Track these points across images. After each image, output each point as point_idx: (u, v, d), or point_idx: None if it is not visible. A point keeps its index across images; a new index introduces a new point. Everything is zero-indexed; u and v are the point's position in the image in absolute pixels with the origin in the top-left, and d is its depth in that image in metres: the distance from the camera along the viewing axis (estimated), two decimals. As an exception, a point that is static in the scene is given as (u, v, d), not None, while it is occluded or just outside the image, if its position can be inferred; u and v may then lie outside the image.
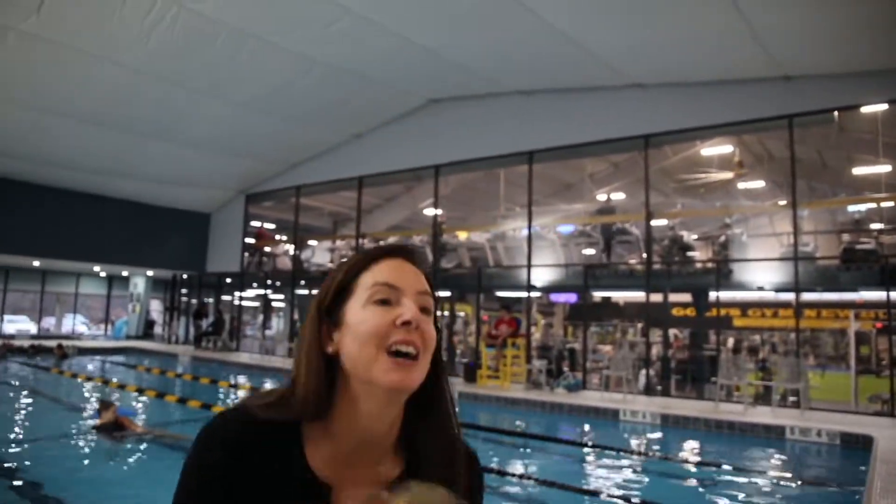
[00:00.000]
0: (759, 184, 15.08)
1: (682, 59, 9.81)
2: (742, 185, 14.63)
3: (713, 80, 10.08)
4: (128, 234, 17.41)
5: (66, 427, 7.15)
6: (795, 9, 7.80)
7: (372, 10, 9.15)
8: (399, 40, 9.98)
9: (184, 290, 20.92)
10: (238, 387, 11.27)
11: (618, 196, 15.30)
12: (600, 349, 15.54)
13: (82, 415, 8.03)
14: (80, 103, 11.98)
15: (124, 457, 5.97)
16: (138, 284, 22.20)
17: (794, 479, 5.80)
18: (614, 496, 5.07)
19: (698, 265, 11.88)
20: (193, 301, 20.36)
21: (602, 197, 15.18)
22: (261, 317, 20.77)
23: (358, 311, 0.87)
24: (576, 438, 7.76)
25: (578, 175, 16.60)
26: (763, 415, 8.21)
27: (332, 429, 0.88)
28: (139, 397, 9.55)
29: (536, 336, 14.78)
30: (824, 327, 18.43)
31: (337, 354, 0.87)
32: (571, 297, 17.03)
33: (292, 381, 0.89)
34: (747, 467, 6.20)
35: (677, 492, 5.45)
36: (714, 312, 11.83)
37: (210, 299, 20.14)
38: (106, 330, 25.29)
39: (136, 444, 6.28)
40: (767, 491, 5.40)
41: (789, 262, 9.84)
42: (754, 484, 5.60)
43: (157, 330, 23.63)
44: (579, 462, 6.50)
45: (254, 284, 18.83)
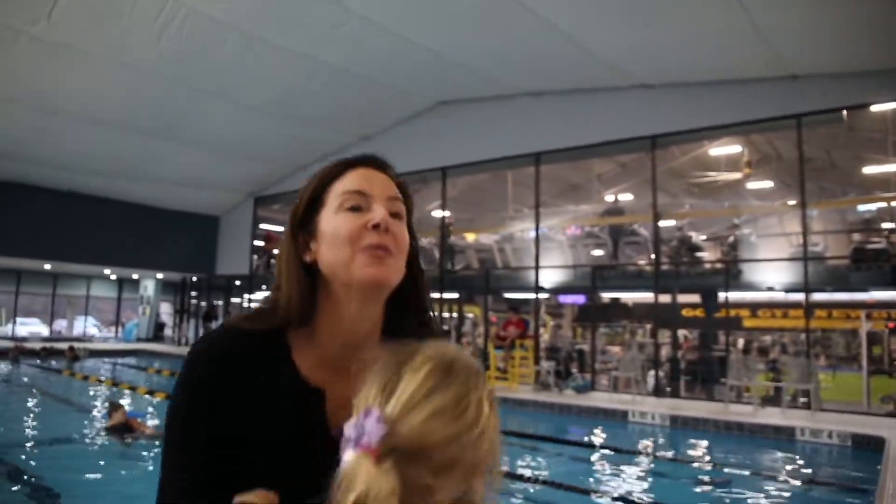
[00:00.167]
0: (767, 184, 14.98)
1: (687, 59, 9.77)
2: (751, 185, 14.55)
3: (719, 80, 10.02)
4: (138, 237, 17.50)
5: (77, 429, 7.21)
6: (800, 7, 7.75)
7: (377, 13, 9.19)
8: (404, 42, 9.99)
9: (193, 293, 21.02)
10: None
11: (625, 197, 15.25)
12: (609, 350, 15.48)
13: (93, 416, 8.09)
14: (90, 107, 12.07)
15: (134, 458, 6.00)
16: (148, 287, 22.34)
17: (805, 482, 5.74)
18: (623, 498, 5.06)
19: (707, 266, 11.83)
20: (203, 303, 20.46)
21: (610, 198, 15.14)
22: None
23: (331, 219, 0.90)
24: (584, 440, 7.73)
25: (586, 176, 16.55)
26: (773, 416, 8.14)
27: (317, 335, 0.91)
28: (149, 399, 9.61)
29: (545, 337, 14.74)
30: (835, 327, 18.28)
31: (315, 263, 0.90)
32: (580, 299, 16.97)
33: (274, 291, 0.92)
34: (757, 469, 6.16)
35: (687, 493, 5.42)
36: (723, 313, 11.77)
37: (219, 302, 20.24)
38: (116, 332, 25.47)
39: (145, 445, 6.31)
40: (778, 493, 5.36)
41: (799, 262, 9.78)
42: (764, 486, 5.56)
43: (167, 332, 23.76)
44: (588, 464, 6.48)
45: (263, 287, 18.88)
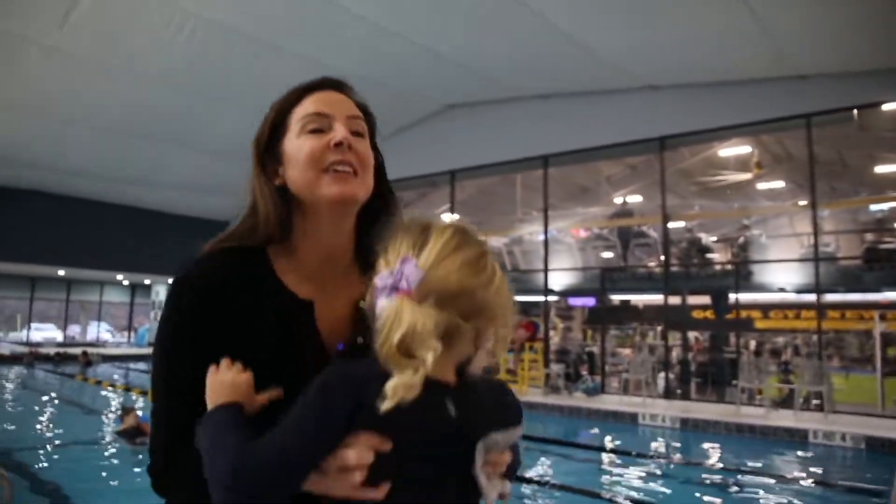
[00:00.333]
0: (778, 184, 14.89)
1: (690, 59, 9.72)
2: (761, 185, 14.46)
3: (727, 81, 9.97)
4: (149, 243, 17.61)
5: (90, 432, 7.29)
6: (806, 6, 7.70)
7: (384, 18, 9.22)
8: (412, 46, 10.03)
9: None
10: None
11: (635, 199, 15.20)
12: (619, 352, 15.41)
13: (105, 421, 8.17)
14: (102, 114, 12.19)
15: (145, 462, 6.02)
16: (160, 292, 22.48)
17: (818, 485, 5.70)
18: (634, 501, 5.04)
19: (717, 267, 11.77)
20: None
21: (619, 200, 15.10)
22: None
23: (294, 143, 0.92)
24: (594, 443, 7.71)
25: (595, 178, 16.50)
26: (785, 418, 8.07)
27: (296, 250, 0.94)
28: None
29: (555, 340, 14.71)
30: (849, 328, 18.09)
31: (285, 186, 0.93)
32: (590, 301, 16.92)
33: (249, 216, 0.95)
34: (769, 472, 6.12)
35: (698, 496, 5.39)
36: (734, 314, 11.69)
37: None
38: (129, 337, 25.66)
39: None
40: (790, 496, 5.32)
41: (810, 262, 9.70)
42: (776, 489, 5.52)
43: (178, 337, 23.86)
44: (598, 466, 6.46)
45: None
